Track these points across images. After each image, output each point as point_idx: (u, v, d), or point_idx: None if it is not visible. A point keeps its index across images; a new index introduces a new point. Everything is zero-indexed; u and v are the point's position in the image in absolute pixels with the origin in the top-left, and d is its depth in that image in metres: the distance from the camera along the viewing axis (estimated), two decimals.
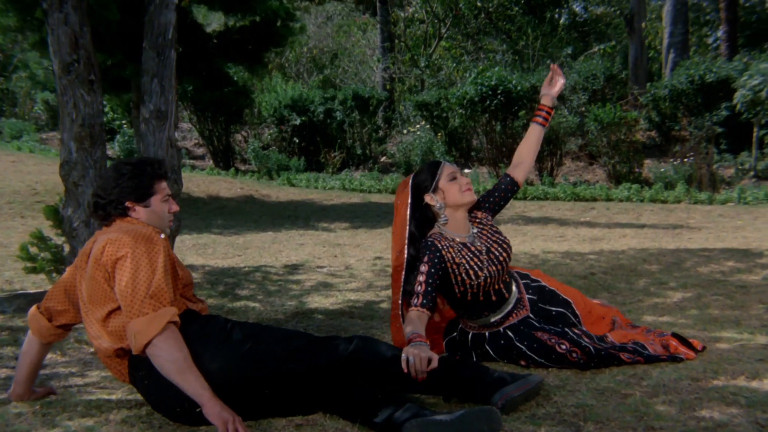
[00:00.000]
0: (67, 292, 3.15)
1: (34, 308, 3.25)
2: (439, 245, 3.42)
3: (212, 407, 2.66)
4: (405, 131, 18.97)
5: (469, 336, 3.61)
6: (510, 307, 3.54)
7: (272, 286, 6.13)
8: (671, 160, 15.20)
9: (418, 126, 18.14)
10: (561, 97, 17.94)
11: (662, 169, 14.54)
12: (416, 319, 3.31)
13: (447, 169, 3.51)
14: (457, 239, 3.51)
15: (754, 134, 14.29)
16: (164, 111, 5.32)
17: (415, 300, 3.37)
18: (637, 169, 15.59)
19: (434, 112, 18.83)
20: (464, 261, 3.43)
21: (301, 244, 8.67)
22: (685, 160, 14.49)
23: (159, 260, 2.80)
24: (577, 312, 3.64)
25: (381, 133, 19.98)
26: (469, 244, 3.50)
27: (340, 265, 7.17)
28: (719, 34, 22.79)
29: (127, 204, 3.00)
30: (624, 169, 15.48)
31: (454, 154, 17.44)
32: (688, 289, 5.38)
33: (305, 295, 5.72)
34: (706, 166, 13.45)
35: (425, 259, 3.40)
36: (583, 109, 17.93)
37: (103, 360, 3.07)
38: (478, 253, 3.48)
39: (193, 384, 2.70)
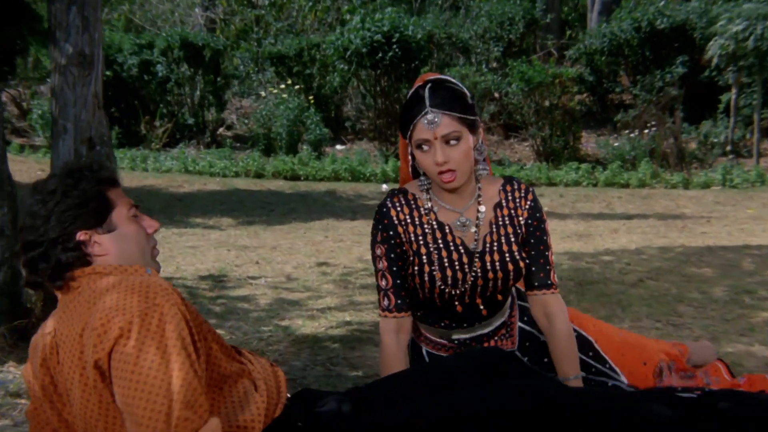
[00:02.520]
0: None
1: None
2: (394, 216, 3.14)
3: None
4: (263, 93, 18.70)
5: (423, 353, 3.36)
6: (487, 329, 3.27)
7: (214, 306, 5.93)
8: (626, 131, 15.86)
9: (282, 87, 17.94)
10: (466, 50, 18.36)
11: (615, 144, 15.14)
12: (392, 341, 3.11)
13: (418, 128, 3.00)
14: (437, 209, 3.18)
15: (732, 97, 15.13)
16: (89, 55, 4.95)
17: (385, 302, 3.13)
18: (574, 144, 16.18)
19: (294, 67, 18.70)
20: (424, 250, 3.13)
21: (193, 247, 8.42)
22: (645, 132, 15.15)
23: (169, 334, 2.25)
24: (602, 353, 3.41)
25: (223, 96, 19.62)
26: (453, 227, 3.17)
27: (277, 274, 7.11)
28: None
29: (81, 237, 2.46)
30: (558, 144, 16.01)
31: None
32: None
33: (275, 318, 5.57)
34: (673, 139, 14.11)
35: (378, 237, 3.15)
36: (496, 64, 18.41)
37: None
38: (459, 249, 3.15)
39: None
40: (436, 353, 3.28)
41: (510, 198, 3.19)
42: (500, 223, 3.16)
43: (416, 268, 3.11)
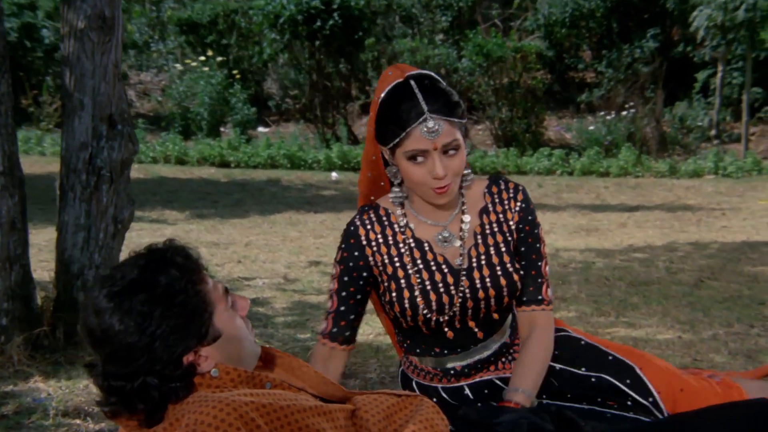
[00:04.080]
0: None
1: None
2: (363, 236, 3.05)
3: None
4: (179, 66, 18.46)
5: (414, 386, 3.23)
6: (485, 354, 3.13)
7: None
8: (595, 113, 16.09)
9: (202, 59, 17.73)
10: (409, 18, 18.40)
11: (590, 128, 15.35)
12: (321, 370, 2.87)
13: (414, 137, 2.83)
14: (414, 225, 3.07)
15: (718, 75, 15.45)
16: (110, 18, 4.85)
17: (323, 325, 3.06)
18: (536, 127, 16.35)
19: (208, 37, 18.49)
20: (401, 273, 3.02)
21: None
22: (623, 113, 15.40)
23: None
24: (647, 382, 3.12)
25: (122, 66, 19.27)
26: (433, 243, 3.05)
27: (271, 274, 7.17)
28: None
29: (189, 359, 2.31)
30: (519, 128, 16.14)
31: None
32: None
33: (306, 324, 5.57)
34: (655, 123, 14.38)
35: (338, 255, 3.06)
36: (443, 36, 18.47)
37: None
38: (442, 268, 3.02)
39: None
40: (428, 384, 3.16)
41: (497, 201, 3.07)
42: (487, 231, 3.05)
43: (393, 294, 2.99)
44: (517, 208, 3.02)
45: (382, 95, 2.89)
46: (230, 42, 18.39)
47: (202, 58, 17.84)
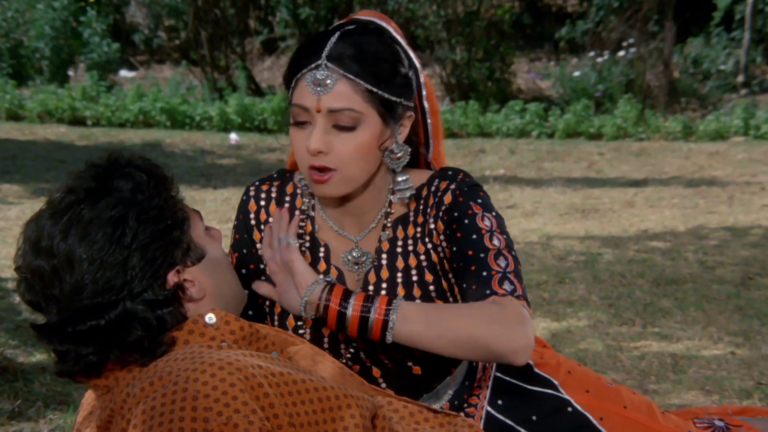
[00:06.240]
0: None
1: None
2: (252, 213, 2.89)
3: None
4: None
5: None
6: (436, 404, 2.90)
7: None
8: (590, 55, 16.09)
9: None
10: None
11: (575, 74, 15.35)
12: None
13: (300, 87, 2.64)
14: (318, 226, 2.87)
15: (748, 1, 15.51)
16: None
17: None
18: (503, 74, 16.33)
19: None
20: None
21: None
22: (620, 54, 15.41)
23: None
24: None
25: None
26: (335, 250, 2.86)
27: None
28: None
29: (174, 279, 2.30)
30: (480, 74, 16.12)
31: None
32: None
33: None
34: (663, 67, 14.41)
35: (231, 237, 2.94)
36: None
37: None
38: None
39: None
40: None
41: (422, 207, 2.81)
42: (398, 250, 2.81)
43: (267, 304, 2.84)
44: (441, 213, 2.75)
45: None
46: None
47: None
